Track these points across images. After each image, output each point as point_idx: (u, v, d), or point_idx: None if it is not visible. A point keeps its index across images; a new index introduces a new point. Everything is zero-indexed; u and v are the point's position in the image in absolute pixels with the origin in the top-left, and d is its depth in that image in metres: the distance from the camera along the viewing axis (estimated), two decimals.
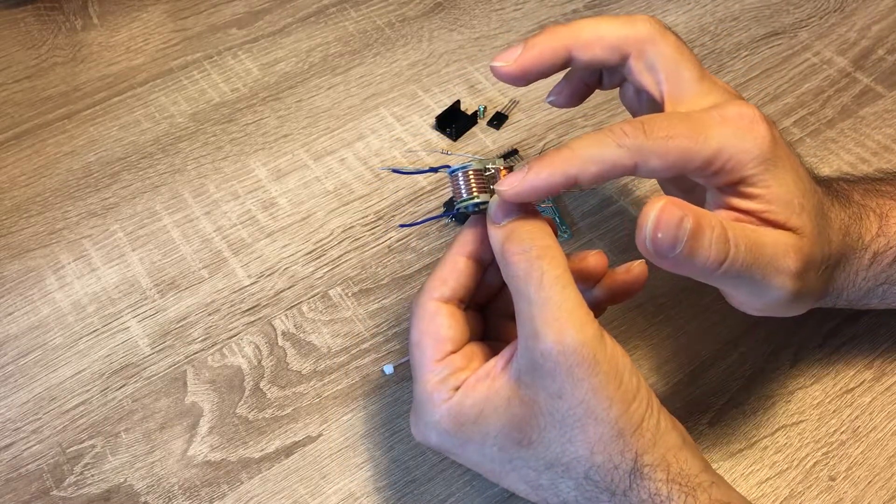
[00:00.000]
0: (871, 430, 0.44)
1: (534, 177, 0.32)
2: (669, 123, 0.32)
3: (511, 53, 0.36)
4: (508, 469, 0.34)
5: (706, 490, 0.31)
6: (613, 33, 0.36)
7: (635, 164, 0.32)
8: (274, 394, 0.45)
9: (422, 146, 0.56)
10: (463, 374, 0.35)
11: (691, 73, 0.36)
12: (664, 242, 0.30)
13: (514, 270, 0.33)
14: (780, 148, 0.34)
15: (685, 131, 0.32)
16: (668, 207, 0.30)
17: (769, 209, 0.33)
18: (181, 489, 0.42)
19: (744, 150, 0.32)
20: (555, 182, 0.32)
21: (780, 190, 0.33)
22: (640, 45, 0.36)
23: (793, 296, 0.34)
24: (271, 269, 0.50)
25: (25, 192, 0.54)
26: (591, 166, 0.32)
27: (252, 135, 0.57)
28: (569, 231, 0.51)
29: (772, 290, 0.33)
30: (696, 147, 0.32)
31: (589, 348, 0.31)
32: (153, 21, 0.65)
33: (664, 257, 0.31)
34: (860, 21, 0.64)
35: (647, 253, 0.31)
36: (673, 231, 0.30)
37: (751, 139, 0.33)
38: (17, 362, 0.46)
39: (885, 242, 0.38)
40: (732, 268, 0.32)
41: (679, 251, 0.31)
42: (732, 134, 0.33)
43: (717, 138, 0.32)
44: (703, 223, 0.31)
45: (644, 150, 0.32)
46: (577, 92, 0.43)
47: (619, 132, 0.32)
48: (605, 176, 0.32)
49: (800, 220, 0.33)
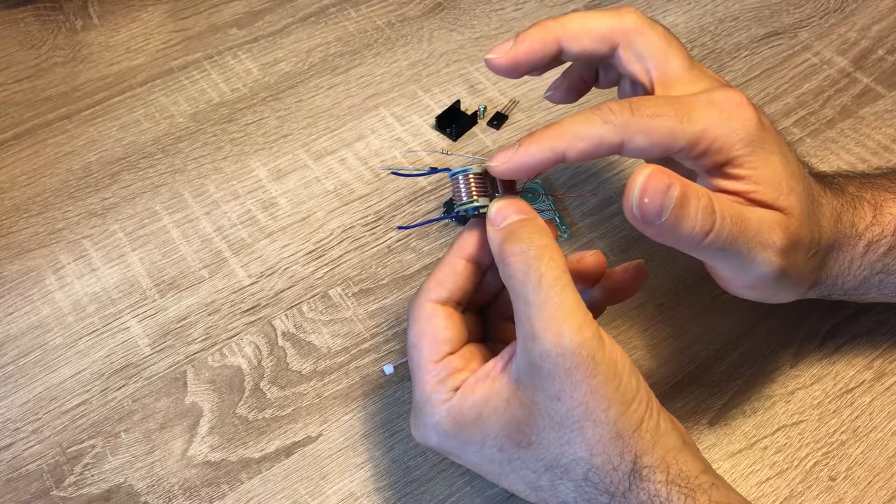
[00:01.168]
0: (871, 430, 0.44)
1: (523, 152, 0.33)
2: (656, 103, 0.33)
3: (504, 46, 0.37)
4: (508, 470, 0.34)
5: (706, 491, 0.31)
6: (602, 25, 0.37)
7: (621, 140, 0.32)
8: (274, 394, 0.45)
9: (422, 146, 0.56)
10: (461, 375, 0.35)
11: (679, 61, 0.36)
12: (650, 209, 0.31)
13: (512, 271, 0.33)
14: (766, 131, 0.34)
15: (671, 111, 0.33)
16: (655, 174, 0.31)
17: (756, 189, 0.33)
18: (181, 489, 0.42)
19: (730, 130, 0.33)
20: (543, 157, 0.33)
21: (767, 171, 0.33)
22: (628, 36, 0.37)
23: (778, 272, 0.34)
24: (271, 269, 0.50)
25: (25, 192, 0.54)
26: (578, 142, 0.32)
27: (252, 135, 0.57)
28: (569, 231, 0.51)
29: (756, 265, 0.33)
30: (682, 126, 0.32)
31: (587, 350, 0.31)
32: (153, 21, 0.65)
33: (650, 224, 0.31)
34: (860, 21, 0.64)
35: (634, 219, 0.31)
36: (660, 198, 0.31)
37: (737, 121, 0.33)
38: (17, 362, 0.46)
39: (879, 231, 0.38)
40: (718, 239, 0.32)
41: (665, 218, 0.31)
42: (719, 116, 0.33)
43: (702, 119, 0.33)
44: (689, 192, 0.31)
45: (630, 127, 0.32)
46: (574, 87, 0.43)
47: (606, 109, 0.33)
48: (592, 152, 0.33)
49: (787, 201, 0.34)
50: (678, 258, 0.50)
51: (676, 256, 0.50)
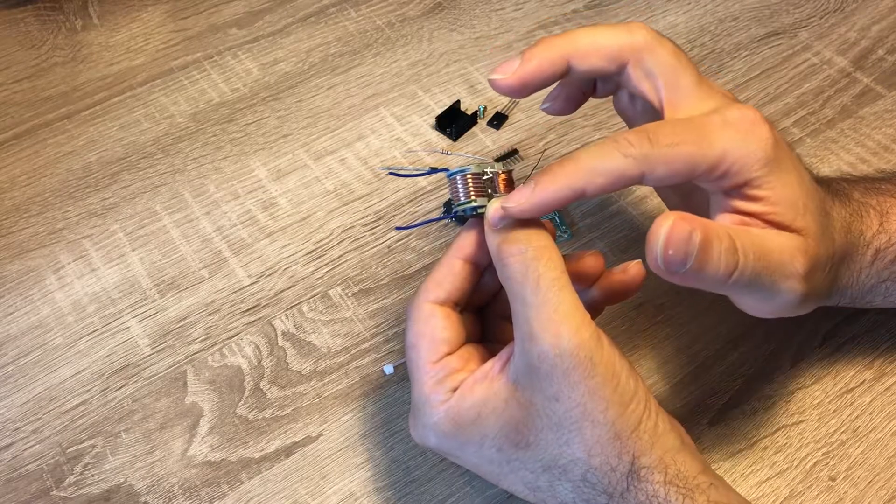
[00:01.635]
0: (871, 430, 0.44)
1: (541, 192, 0.32)
2: (674, 130, 0.32)
3: (509, 66, 0.36)
4: (507, 470, 0.34)
5: (704, 491, 0.31)
6: (611, 42, 0.36)
7: (642, 173, 0.32)
8: (274, 394, 0.45)
9: (422, 146, 0.56)
10: (460, 375, 0.35)
11: (689, 78, 0.35)
12: (675, 259, 0.30)
13: (510, 272, 0.33)
14: (782, 150, 0.34)
15: (690, 137, 0.32)
16: (678, 224, 0.30)
17: (774, 211, 0.33)
18: (181, 489, 0.42)
19: (748, 152, 0.32)
20: (561, 196, 0.32)
21: (784, 191, 0.33)
22: (638, 54, 0.36)
23: (802, 298, 0.34)
24: (271, 269, 0.50)
25: (25, 192, 0.54)
26: (597, 178, 0.32)
27: (252, 135, 0.57)
28: (569, 231, 0.51)
29: (781, 294, 0.33)
30: (701, 152, 0.32)
31: (585, 351, 0.31)
32: (153, 21, 0.65)
33: (675, 273, 0.31)
34: (860, 21, 0.64)
35: (659, 270, 0.31)
36: (683, 247, 0.30)
37: (754, 141, 0.33)
38: (17, 362, 0.47)
39: (886, 239, 0.38)
40: (742, 277, 0.32)
41: (689, 266, 0.31)
42: (735, 137, 0.33)
43: (720, 142, 0.32)
44: (711, 235, 0.31)
45: (650, 158, 0.31)
46: (571, 99, 0.42)
47: (624, 142, 0.32)
48: (612, 187, 0.32)
49: (804, 221, 0.33)
50: None
51: None
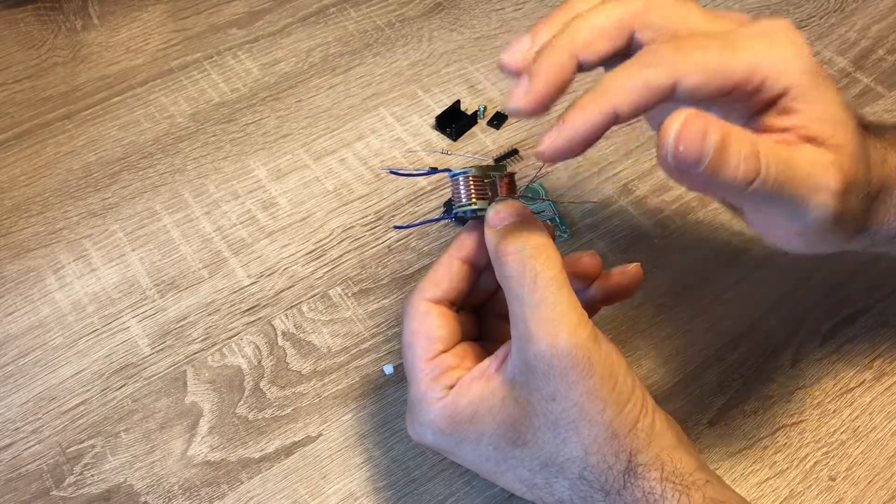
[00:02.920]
0: (871, 430, 0.44)
1: (570, 125, 0.29)
2: (701, 39, 0.30)
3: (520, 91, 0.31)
4: (504, 468, 0.34)
5: (700, 488, 0.31)
6: (609, 20, 0.32)
7: (672, 81, 0.29)
8: (274, 394, 0.45)
9: (422, 146, 0.56)
10: (455, 372, 0.35)
11: (698, 14, 0.32)
12: (687, 156, 0.27)
13: (507, 271, 0.33)
14: (818, 64, 0.31)
15: (718, 44, 0.29)
16: (691, 119, 0.27)
17: (811, 124, 0.30)
18: (181, 489, 0.42)
19: (785, 57, 0.30)
20: (592, 123, 0.29)
21: (822, 106, 0.30)
22: (641, 18, 0.32)
23: (833, 217, 0.31)
24: (271, 269, 0.50)
25: (25, 192, 0.54)
26: (626, 95, 0.29)
27: (252, 135, 0.57)
28: (569, 231, 0.51)
29: (810, 210, 0.30)
30: (734, 55, 0.29)
31: (583, 351, 0.31)
32: (153, 21, 0.65)
33: (687, 173, 0.28)
34: (860, 21, 0.64)
35: (669, 169, 0.28)
36: (697, 144, 0.27)
37: (790, 48, 0.30)
38: (17, 362, 0.47)
39: None
40: (764, 186, 0.29)
41: (704, 167, 0.28)
42: (770, 45, 0.30)
43: (751, 50, 0.30)
44: (729, 138, 0.28)
45: (678, 65, 0.29)
46: None
47: (648, 52, 0.29)
48: (644, 102, 0.29)
49: (843, 137, 0.31)
50: (678, 258, 0.50)
51: (676, 256, 0.50)
